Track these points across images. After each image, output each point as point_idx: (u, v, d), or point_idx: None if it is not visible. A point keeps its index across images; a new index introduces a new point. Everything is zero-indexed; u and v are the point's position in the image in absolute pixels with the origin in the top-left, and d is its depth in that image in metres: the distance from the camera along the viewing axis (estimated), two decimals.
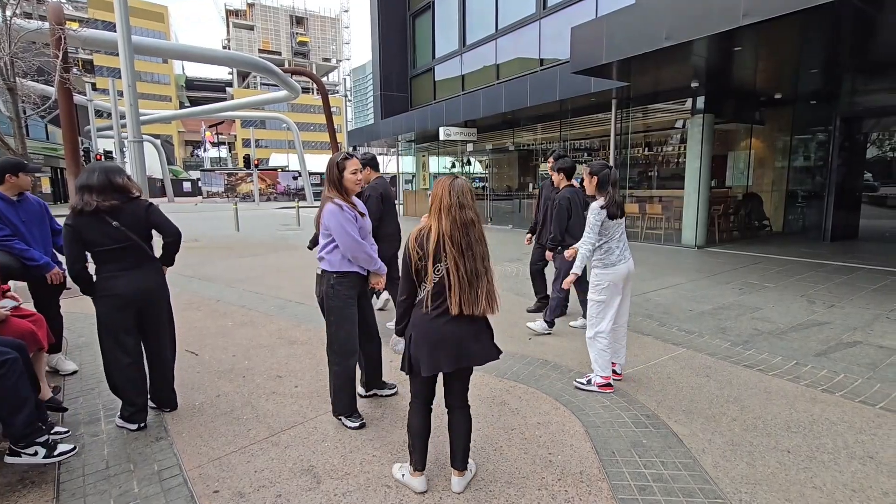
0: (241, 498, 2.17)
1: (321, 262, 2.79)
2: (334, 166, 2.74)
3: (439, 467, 2.37)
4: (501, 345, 2.24)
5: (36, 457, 2.30)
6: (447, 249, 1.97)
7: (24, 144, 8.91)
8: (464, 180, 2.10)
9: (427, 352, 2.04)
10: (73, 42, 11.19)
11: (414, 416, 2.22)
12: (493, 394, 3.22)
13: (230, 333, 4.60)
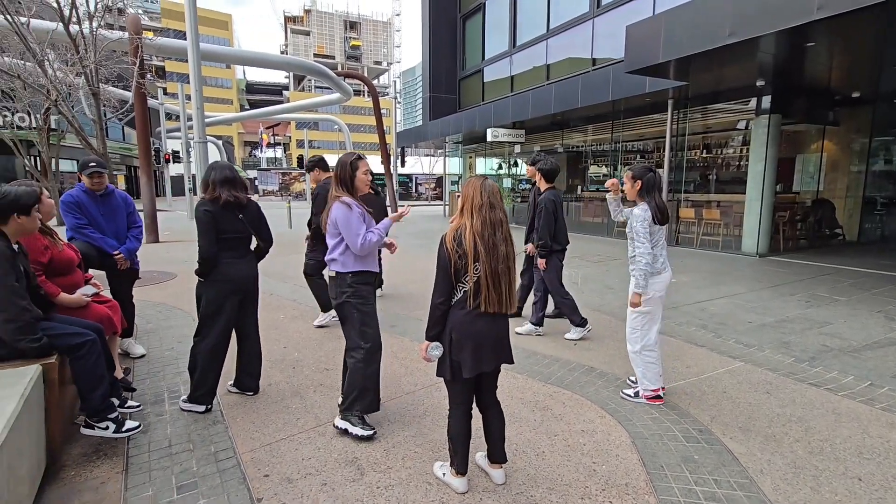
0: (289, 483, 2.26)
1: (333, 264, 2.73)
2: (347, 165, 2.72)
3: (475, 465, 2.37)
4: (545, 349, 2.21)
5: (106, 431, 2.51)
6: (479, 249, 2.02)
7: (104, 144, 9.71)
8: (493, 181, 2.15)
9: (470, 352, 2.05)
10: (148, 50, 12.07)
11: (456, 422, 2.19)
12: (536, 398, 3.18)
13: (282, 326, 4.80)
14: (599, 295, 6.14)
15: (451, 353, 2.08)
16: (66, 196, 3.75)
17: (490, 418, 2.25)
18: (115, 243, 3.85)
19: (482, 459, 2.36)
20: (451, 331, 2.08)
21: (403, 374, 3.59)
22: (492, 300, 2.03)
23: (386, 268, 7.99)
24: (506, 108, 13.67)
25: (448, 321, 2.10)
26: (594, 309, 5.40)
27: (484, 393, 2.25)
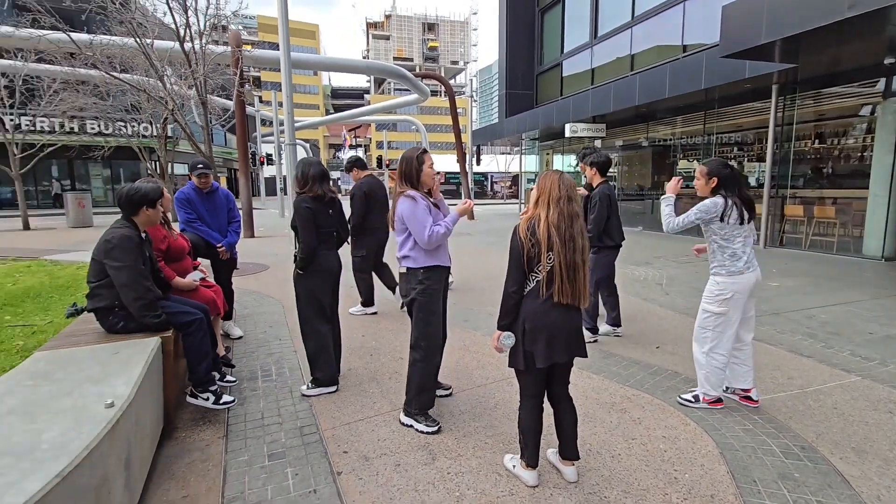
0: (365, 461, 2.39)
1: (405, 260, 2.71)
2: (413, 160, 2.71)
3: (547, 461, 2.33)
4: (627, 351, 2.13)
5: (207, 402, 2.81)
6: (554, 239, 2.01)
7: (210, 148, 10.81)
8: (569, 176, 2.13)
9: (543, 342, 2.03)
10: (247, 61, 13.25)
11: (526, 415, 2.19)
12: (613, 400, 3.05)
13: (360, 317, 5.05)
14: (686, 297, 5.73)
15: (524, 344, 2.08)
16: (179, 193, 4.24)
17: (562, 413, 2.22)
18: (219, 236, 4.29)
19: (553, 455, 2.32)
20: (524, 321, 2.08)
21: (475, 368, 3.61)
22: (565, 291, 2.02)
23: (460, 264, 8.09)
24: (585, 102, 13.19)
25: (521, 311, 2.10)
26: (680, 312, 5.05)
27: (555, 386, 2.22)
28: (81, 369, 2.17)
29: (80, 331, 2.80)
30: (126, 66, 11.43)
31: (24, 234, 13.20)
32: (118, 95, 14.81)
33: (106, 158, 16.79)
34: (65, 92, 14.26)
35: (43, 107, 14.66)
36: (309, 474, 2.29)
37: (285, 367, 3.64)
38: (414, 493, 2.13)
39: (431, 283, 2.70)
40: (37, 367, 2.21)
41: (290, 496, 2.13)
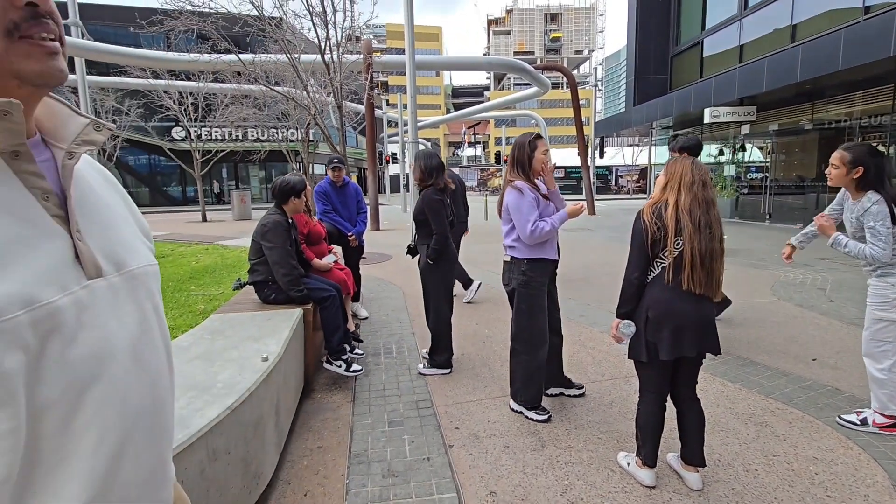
0: (475, 438, 2.47)
1: (509, 249, 2.65)
2: (525, 145, 2.60)
3: (666, 464, 2.17)
4: (777, 361, 1.91)
5: (339, 369, 3.15)
6: (685, 224, 1.89)
7: (344, 148, 11.93)
8: (695, 159, 2.01)
9: (669, 332, 1.90)
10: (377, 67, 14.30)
11: (647, 410, 2.07)
12: (752, 412, 2.72)
13: (475, 305, 5.18)
14: (858, 306, 4.81)
15: (647, 333, 1.96)
16: (317, 187, 4.78)
17: (687, 414, 2.05)
18: (350, 226, 4.75)
19: (675, 460, 2.16)
20: (647, 309, 1.96)
21: (590, 364, 3.49)
22: (696, 279, 1.88)
23: (579, 258, 7.82)
24: (731, 83, 11.70)
25: (644, 299, 1.99)
26: (849, 322, 4.27)
27: (681, 385, 2.05)
28: (244, 329, 2.61)
29: (242, 300, 3.34)
30: (279, 80, 13.13)
31: (202, 224, 15.98)
32: (272, 106, 17.09)
33: (261, 161, 19.54)
34: (233, 105, 16.90)
35: (217, 119, 17.54)
36: (423, 443, 2.44)
37: (405, 347, 3.91)
38: (521, 475, 2.16)
39: (535, 276, 2.61)
40: (213, 326, 2.71)
41: (406, 460, 2.30)
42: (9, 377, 0.46)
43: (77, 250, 0.56)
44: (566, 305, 4.84)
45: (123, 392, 0.56)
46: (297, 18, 11.70)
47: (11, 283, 0.48)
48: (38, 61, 0.52)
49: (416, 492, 2.06)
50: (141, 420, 0.59)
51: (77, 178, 0.60)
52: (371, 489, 2.09)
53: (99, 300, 0.56)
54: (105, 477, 0.53)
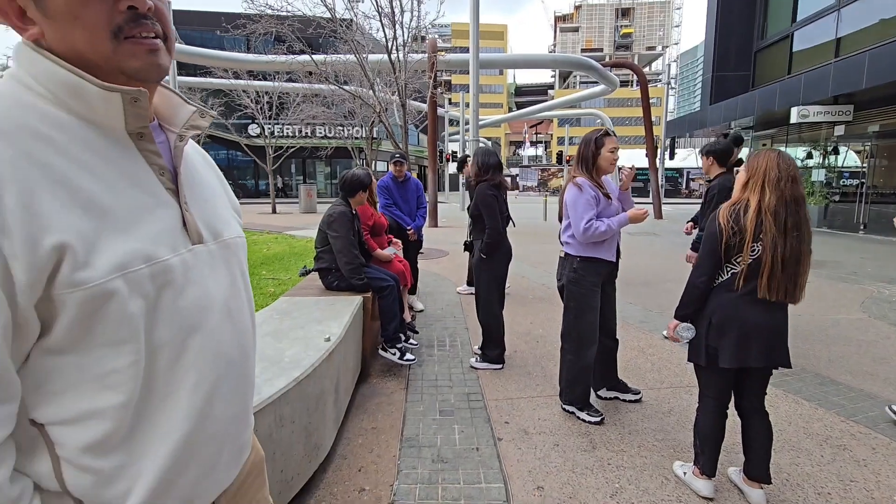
0: (525, 434, 2.48)
1: (565, 245, 2.61)
2: (591, 142, 2.53)
3: (727, 479, 2.06)
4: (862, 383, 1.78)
5: (394, 356, 3.26)
6: (766, 227, 1.74)
7: (406, 146, 12.21)
8: (782, 152, 1.81)
9: (734, 340, 1.80)
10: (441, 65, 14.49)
11: (705, 418, 1.98)
12: (829, 433, 2.51)
13: (530, 304, 5.14)
14: None
15: (708, 338, 1.87)
16: (380, 181, 4.95)
17: (753, 428, 1.93)
18: (409, 220, 4.88)
19: (736, 474, 2.05)
20: (711, 314, 1.87)
21: (649, 370, 3.37)
22: (775, 287, 1.75)
23: (641, 263, 7.52)
24: (824, 79, 10.71)
25: (709, 303, 1.90)
26: None
27: (747, 397, 1.94)
28: (309, 312, 2.78)
29: (308, 285, 3.55)
30: (347, 79, 13.66)
31: (272, 215, 16.99)
32: (339, 104, 17.81)
33: (327, 157, 20.41)
34: (304, 104, 17.81)
35: (289, 116, 18.55)
36: (473, 434, 2.48)
37: (458, 341, 3.97)
38: (570, 474, 2.14)
39: (586, 275, 2.55)
40: (281, 307, 2.91)
41: (456, 448, 2.35)
42: (133, 318, 0.55)
43: (184, 219, 0.65)
44: (626, 310, 4.70)
45: (218, 341, 0.65)
46: (367, 19, 12.08)
47: (137, 241, 0.57)
48: (138, 59, 0.60)
49: (465, 479, 2.11)
50: (231, 367, 0.68)
51: (185, 158, 0.70)
52: (421, 472, 2.16)
53: (200, 262, 0.66)
54: (201, 412, 0.63)
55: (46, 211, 0.51)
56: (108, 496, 0.56)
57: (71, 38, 0.56)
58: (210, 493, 0.68)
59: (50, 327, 0.52)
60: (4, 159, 0.50)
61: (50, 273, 0.50)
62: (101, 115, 0.59)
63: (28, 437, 0.55)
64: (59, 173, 0.53)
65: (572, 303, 2.60)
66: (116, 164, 0.59)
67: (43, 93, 0.56)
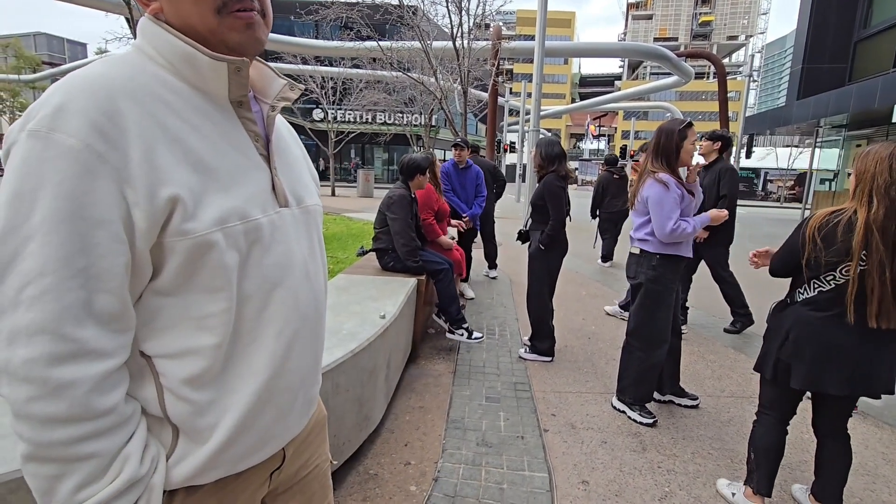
0: (571, 428, 2.45)
1: (641, 242, 2.49)
2: (675, 133, 2.36)
3: (790, 496, 1.93)
4: None
5: (462, 336, 3.36)
6: (873, 246, 1.50)
7: (465, 134, 12.18)
8: None
9: (810, 360, 1.64)
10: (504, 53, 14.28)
11: (762, 431, 1.84)
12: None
13: (583, 301, 5.02)
14: None
15: (780, 352, 1.72)
16: (442, 167, 4.99)
17: (829, 448, 1.78)
18: (466, 207, 4.90)
19: (801, 493, 1.91)
20: (789, 328, 1.70)
21: (709, 377, 3.21)
22: (887, 313, 1.53)
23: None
24: None
25: (787, 316, 1.73)
26: None
27: (826, 417, 1.78)
28: (365, 290, 2.88)
29: (365, 265, 3.67)
30: (410, 65, 13.80)
31: (332, 198, 17.61)
32: (401, 91, 18.05)
33: (386, 143, 20.77)
34: (367, 90, 18.18)
35: (352, 102, 19.03)
36: (518, 422, 2.49)
37: (507, 331, 3.96)
38: (617, 472, 2.09)
39: (665, 273, 2.46)
40: (340, 284, 3.03)
41: (501, 434, 2.37)
42: (228, 269, 0.60)
43: (274, 183, 0.70)
44: (689, 314, 4.48)
45: (297, 297, 0.70)
46: (433, 5, 12.09)
47: (235, 199, 0.62)
48: (239, 32, 0.64)
49: (508, 465, 2.12)
50: (307, 322, 0.72)
51: (275, 128, 0.75)
52: (465, 453, 2.20)
53: (285, 224, 0.70)
54: (281, 360, 0.68)
55: (164, 165, 0.56)
56: (201, 425, 0.63)
57: (183, 12, 0.62)
58: (283, 437, 0.74)
59: (160, 271, 0.59)
60: (133, 118, 0.56)
61: (164, 222, 0.56)
62: (210, 83, 0.64)
63: (138, 366, 0.62)
64: (175, 133, 0.59)
65: (648, 300, 2.51)
66: (220, 129, 0.65)
67: (162, 62, 0.63)
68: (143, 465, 0.58)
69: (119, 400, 0.57)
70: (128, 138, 0.55)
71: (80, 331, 0.52)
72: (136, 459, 0.57)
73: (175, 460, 0.63)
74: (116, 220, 0.53)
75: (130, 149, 0.54)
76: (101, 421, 0.54)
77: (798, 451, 2.27)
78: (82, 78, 0.56)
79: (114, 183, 0.53)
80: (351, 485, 1.94)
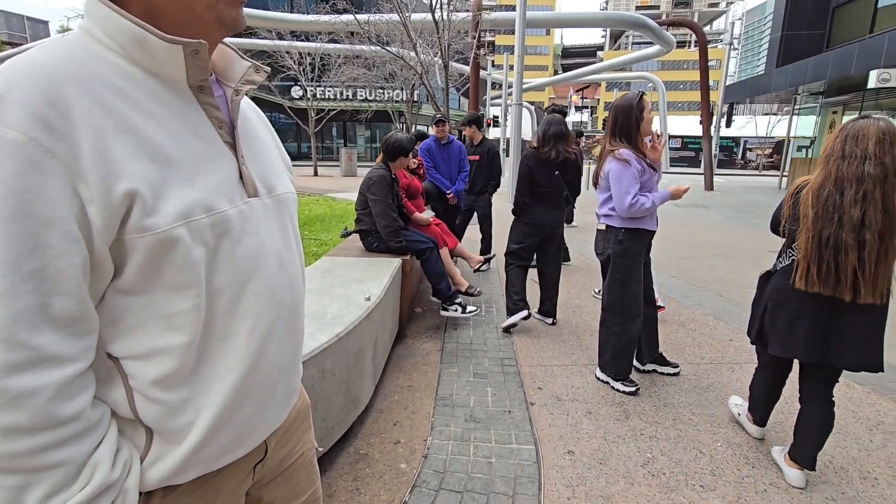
0: (557, 400, 2.51)
1: (606, 218, 2.55)
2: (632, 109, 2.39)
3: (770, 459, 2.02)
4: None
5: (456, 312, 3.37)
6: (807, 208, 1.63)
7: (447, 109, 11.99)
8: (882, 123, 1.55)
9: (781, 327, 1.73)
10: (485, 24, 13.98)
11: (760, 385, 2.07)
12: (882, 419, 2.40)
13: (566, 274, 5.06)
14: None
15: (763, 319, 1.83)
16: (423, 144, 4.92)
17: (809, 414, 1.87)
18: (449, 184, 4.86)
19: (778, 454, 2.00)
20: (768, 297, 1.82)
21: (689, 345, 3.29)
22: (811, 277, 1.62)
23: (691, 237, 7.23)
24: None
25: (769, 285, 1.85)
26: None
27: (809, 383, 1.87)
28: (350, 272, 2.86)
29: (349, 247, 3.64)
30: (389, 39, 13.42)
31: (314, 178, 17.32)
32: (381, 66, 17.60)
33: (368, 121, 20.38)
34: (345, 65, 17.70)
35: (331, 78, 18.53)
36: (506, 397, 2.53)
37: (493, 308, 3.99)
38: (602, 441, 2.16)
39: (632, 246, 2.51)
40: (324, 266, 3.01)
41: (488, 409, 2.41)
42: (196, 264, 0.58)
43: (241, 172, 0.67)
44: (669, 284, 4.57)
45: (271, 289, 0.68)
46: None
47: (199, 191, 0.60)
48: (234, 8, 0.63)
49: (496, 439, 2.17)
50: (283, 313, 0.71)
51: (241, 113, 0.72)
52: (454, 429, 2.24)
53: (255, 214, 0.68)
54: (256, 354, 0.66)
55: (118, 158, 0.53)
56: (175, 425, 0.61)
57: None
58: (263, 430, 0.73)
59: (122, 269, 0.56)
60: (81, 108, 0.52)
61: (122, 218, 0.53)
62: (166, 68, 0.60)
63: (105, 368, 0.60)
64: (129, 122, 0.55)
65: (618, 275, 2.55)
66: (179, 116, 0.61)
67: (112, 45, 0.58)
68: (115, 469, 0.57)
69: (85, 405, 0.55)
70: (77, 129, 0.51)
71: (36, 337, 0.49)
72: (108, 465, 0.56)
73: (150, 462, 0.61)
74: (69, 218, 0.50)
75: (80, 141, 0.51)
76: (66, 428, 0.52)
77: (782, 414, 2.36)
78: (23, 64, 0.52)
79: (64, 178, 0.50)
80: (341, 466, 1.96)
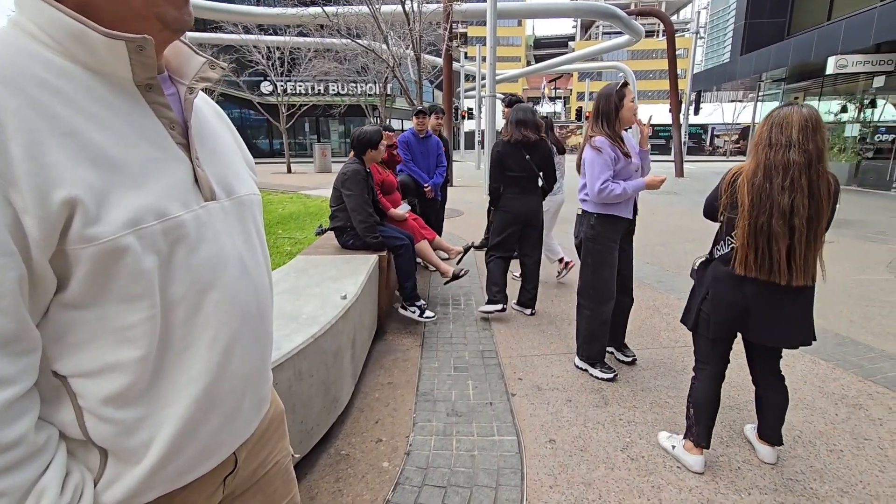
0: (538, 390, 2.53)
1: (582, 203, 2.60)
2: (613, 96, 2.44)
3: (743, 437, 2.09)
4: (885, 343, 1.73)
5: (413, 314, 3.32)
6: (742, 197, 1.65)
7: (421, 102, 11.90)
8: (804, 110, 1.58)
9: (724, 313, 1.76)
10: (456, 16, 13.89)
11: (700, 386, 1.91)
12: (845, 392, 2.50)
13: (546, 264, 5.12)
14: None
15: (702, 305, 1.84)
16: (401, 137, 4.87)
17: (766, 392, 1.92)
18: (427, 177, 4.83)
19: (751, 432, 2.07)
20: (708, 284, 1.82)
21: (664, 329, 3.37)
22: (748, 262, 1.66)
23: (664, 223, 7.38)
24: (867, 25, 9.98)
25: (708, 272, 1.85)
26: None
27: (757, 363, 1.92)
28: (325, 270, 2.81)
29: (324, 244, 3.58)
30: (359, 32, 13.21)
31: (287, 175, 16.99)
32: (352, 59, 17.32)
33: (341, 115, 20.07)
34: (316, 59, 17.36)
35: (301, 73, 18.16)
36: (487, 389, 2.54)
37: (472, 300, 4.00)
38: (582, 428, 2.19)
39: (603, 231, 2.55)
40: (298, 265, 2.95)
41: (470, 402, 2.42)
42: (148, 274, 0.55)
43: (196, 175, 0.64)
44: (643, 270, 4.65)
45: (234, 298, 0.65)
46: None
47: (148, 196, 0.56)
48: (176, 7, 0.59)
49: (478, 431, 2.17)
50: (248, 322, 0.68)
51: (197, 112, 0.68)
52: (436, 424, 2.23)
53: (213, 219, 0.65)
54: (220, 365, 0.63)
55: (55, 163, 0.49)
56: (132, 444, 0.58)
57: None
58: (230, 443, 0.70)
59: (66, 282, 0.52)
60: (10, 109, 0.48)
61: (62, 228, 0.50)
62: (108, 65, 0.56)
63: (51, 388, 0.56)
64: (66, 125, 0.51)
65: (589, 259, 2.61)
66: (125, 117, 0.57)
67: (47, 41, 0.54)
68: (65, 495, 0.53)
69: (27, 429, 0.51)
70: (5, 133, 0.47)
71: None
72: (55, 491, 0.52)
73: (105, 484, 0.58)
74: (2, 230, 0.47)
75: (10, 146, 0.47)
76: (6, 455, 0.49)
77: (748, 392, 2.43)
78: None
79: None
80: (322, 467, 1.94)
